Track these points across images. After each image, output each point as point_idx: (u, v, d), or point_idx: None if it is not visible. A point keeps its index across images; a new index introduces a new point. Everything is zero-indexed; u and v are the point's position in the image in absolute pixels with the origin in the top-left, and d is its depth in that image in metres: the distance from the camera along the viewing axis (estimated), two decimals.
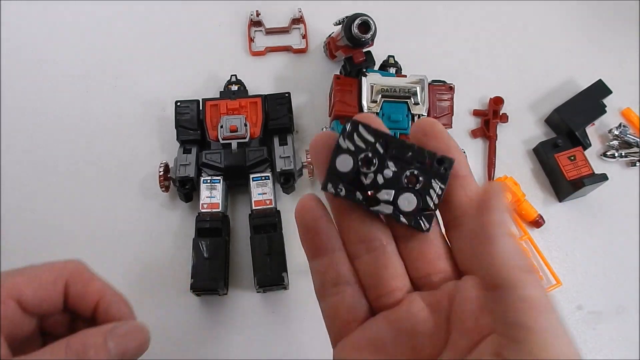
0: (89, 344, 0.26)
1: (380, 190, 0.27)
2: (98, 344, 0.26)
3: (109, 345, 0.26)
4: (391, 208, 0.27)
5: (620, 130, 0.59)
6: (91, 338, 0.26)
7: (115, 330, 0.27)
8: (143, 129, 0.60)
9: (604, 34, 0.66)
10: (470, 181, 0.27)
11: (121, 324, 0.28)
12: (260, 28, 0.65)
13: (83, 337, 0.26)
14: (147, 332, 0.28)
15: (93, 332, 0.27)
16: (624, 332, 0.53)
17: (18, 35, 0.65)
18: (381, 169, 0.27)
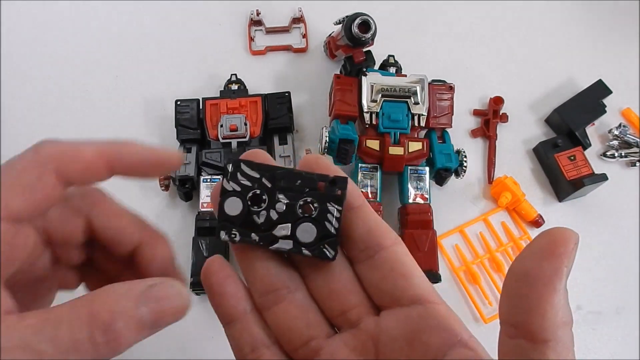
0: (117, 311, 0.21)
1: (276, 227, 0.25)
2: (128, 310, 0.22)
3: (141, 312, 0.22)
4: (291, 242, 0.25)
5: (620, 130, 0.59)
6: (120, 302, 0.22)
7: (150, 292, 0.22)
8: (143, 128, 0.60)
9: (604, 34, 0.66)
10: (367, 210, 0.26)
11: (158, 283, 0.23)
12: (260, 27, 0.65)
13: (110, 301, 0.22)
14: (187, 297, 0.23)
15: (122, 293, 0.22)
16: (623, 332, 0.53)
17: (18, 35, 0.65)
18: (272, 204, 0.25)
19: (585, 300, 0.54)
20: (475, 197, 0.59)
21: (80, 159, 0.24)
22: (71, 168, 0.24)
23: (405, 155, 0.52)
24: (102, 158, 0.25)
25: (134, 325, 0.22)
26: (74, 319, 0.21)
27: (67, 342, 0.20)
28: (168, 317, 0.23)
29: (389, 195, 0.56)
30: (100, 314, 0.21)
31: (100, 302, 0.21)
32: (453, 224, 0.57)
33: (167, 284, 0.23)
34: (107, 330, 0.21)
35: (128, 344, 0.22)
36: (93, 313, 0.21)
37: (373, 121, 0.53)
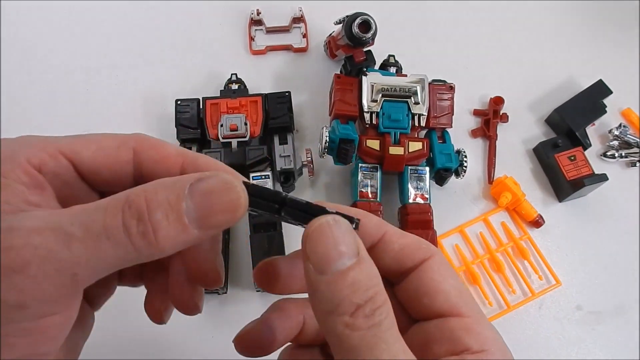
0: (156, 202, 0.19)
1: None
2: (170, 201, 0.19)
3: (184, 206, 0.19)
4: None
5: (621, 130, 0.59)
6: (161, 193, 0.19)
7: (197, 186, 0.20)
8: (143, 128, 0.60)
9: (604, 34, 0.66)
10: (388, 239, 0.25)
11: (205, 176, 0.20)
12: (260, 27, 0.65)
13: (151, 190, 0.19)
14: (241, 192, 0.20)
15: (164, 184, 0.20)
16: (623, 332, 0.53)
17: (18, 34, 0.65)
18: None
19: (586, 300, 0.54)
20: (475, 197, 0.59)
21: (160, 151, 0.24)
22: (150, 153, 0.24)
23: (406, 155, 0.52)
24: (180, 156, 0.24)
25: (175, 219, 0.19)
26: (110, 204, 0.19)
27: (99, 226, 0.19)
28: (218, 215, 0.20)
29: (389, 195, 0.56)
30: (136, 201, 0.19)
31: (140, 191, 0.19)
32: (453, 224, 0.57)
33: (219, 177, 0.20)
34: (142, 219, 0.19)
35: (169, 242, 0.19)
36: (129, 200, 0.19)
37: (373, 121, 0.53)
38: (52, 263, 0.18)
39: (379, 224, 0.26)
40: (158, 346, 0.50)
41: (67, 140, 0.23)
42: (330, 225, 0.21)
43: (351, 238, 0.21)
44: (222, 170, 0.25)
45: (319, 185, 0.58)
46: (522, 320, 0.53)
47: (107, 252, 0.19)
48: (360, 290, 0.20)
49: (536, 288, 0.54)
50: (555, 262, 0.55)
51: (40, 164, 0.22)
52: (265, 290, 0.27)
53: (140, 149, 0.24)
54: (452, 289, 0.24)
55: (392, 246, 0.25)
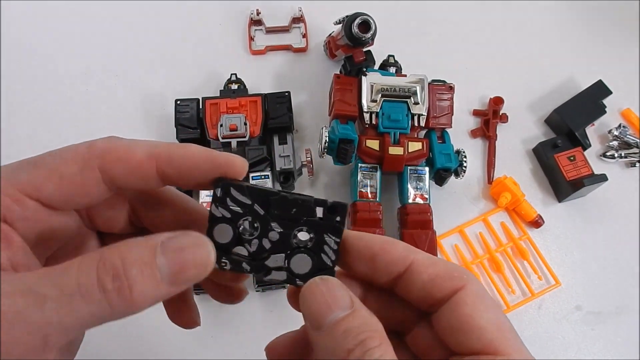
0: (130, 260, 0.19)
1: (269, 257, 0.24)
2: (143, 259, 0.19)
3: (159, 262, 0.20)
4: (284, 274, 0.24)
5: (620, 130, 0.59)
6: (135, 251, 0.20)
7: (168, 243, 0.20)
8: (143, 127, 0.60)
9: (604, 34, 0.66)
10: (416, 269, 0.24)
11: (178, 234, 0.21)
12: (260, 27, 0.65)
13: (124, 249, 0.20)
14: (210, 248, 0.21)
15: (137, 243, 0.20)
16: (623, 332, 0.53)
17: (18, 35, 0.65)
18: (265, 232, 0.23)
19: (585, 300, 0.54)
20: (475, 197, 0.59)
21: (128, 159, 0.22)
22: (117, 167, 0.22)
23: (405, 155, 0.52)
24: (152, 159, 0.22)
25: (149, 275, 0.19)
26: (82, 264, 0.19)
27: (72, 285, 0.19)
28: (190, 270, 0.20)
29: (389, 195, 0.56)
30: (110, 259, 0.19)
31: (112, 251, 0.20)
32: (453, 224, 0.57)
33: (190, 234, 0.21)
34: (117, 276, 0.19)
35: (144, 298, 0.20)
36: (104, 258, 0.19)
37: (373, 121, 0.53)
38: (22, 326, 0.18)
39: (405, 253, 0.24)
40: (158, 346, 0.50)
41: (27, 176, 0.21)
42: (318, 285, 0.22)
43: (340, 292, 0.22)
44: (202, 158, 0.23)
45: (319, 185, 0.58)
46: (522, 321, 0.53)
47: (81, 310, 0.19)
48: (352, 336, 0.21)
49: (536, 288, 0.54)
50: (554, 262, 0.55)
51: (5, 212, 0.21)
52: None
53: (107, 166, 0.22)
54: (487, 325, 0.22)
55: (420, 277, 0.24)
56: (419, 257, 0.24)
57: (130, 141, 0.23)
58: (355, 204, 0.52)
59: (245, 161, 0.24)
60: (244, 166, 0.24)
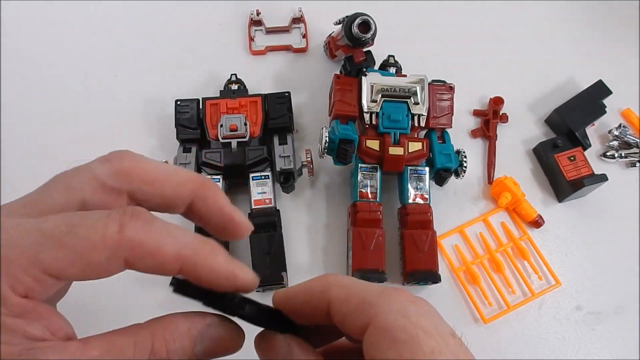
0: (174, 349, 0.22)
1: None
2: (185, 348, 0.22)
3: (195, 351, 0.22)
4: None
5: (620, 130, 0.59)
6: (178, 340, 0.22)
7: (207, 333, 0.23)
8: (143, 128, 0.60)
9: (604, 34, 0.66)
10: None
11: (214, 323, 0.23)
12: (260, 27, 0.65)
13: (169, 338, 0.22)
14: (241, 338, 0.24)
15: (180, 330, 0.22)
16: (623, 333, 0.53)
17: (18, 35, 0.65)
18: None
19: (585, 300, 0.54)
20: (475, 197, 0.59)
21: (156, 258, 0.22)
22: (143, 262, 0.22)
23: (405, 155, 0.52)
24: (178, 261, 0.22)
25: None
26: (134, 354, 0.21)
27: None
28: (219, 354, 0.23)
29: (389, 195, 0.56)
30: (159, 352, 0.21)
31: (161, 339, 0.22)
32: (453, 224, 0.57)
33: (226, 325, 0.24)
34: None
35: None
36: (154, 351, 0.21)
37: (373, 121, 0.53)
38: None
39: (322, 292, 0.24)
40: None
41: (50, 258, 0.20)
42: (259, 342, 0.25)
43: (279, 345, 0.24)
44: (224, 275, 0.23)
45: (319, 186, 0.58)
46: (522, 321, 0.53)
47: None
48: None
49: (536, 288, 0.54)
50: (555, 263, 0.55)
51: (26, 291, 0.20)
52: None
53: (133, 260, 0.21)
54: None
55: (336, 316, 0.24)
56: (334, 293, 0.24)
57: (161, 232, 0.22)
58: (355, 204, 0.52)
59: (256, 280, 0.25)
60: (255, 285, 0.25)
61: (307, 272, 0.54)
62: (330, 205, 0.57)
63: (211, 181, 0.26)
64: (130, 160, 0.24)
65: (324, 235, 0.56)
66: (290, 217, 0.56)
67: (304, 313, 0.25)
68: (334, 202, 0.57)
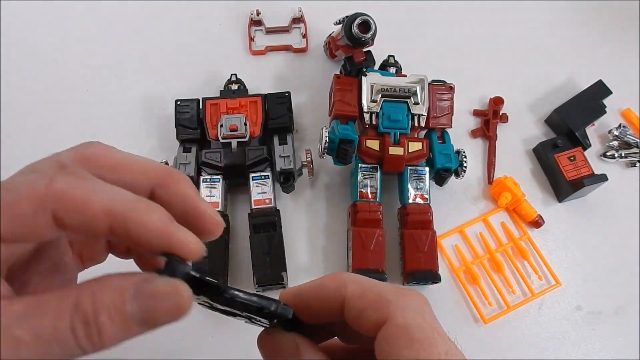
0: (101, 305, 0.20)
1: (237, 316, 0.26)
2: (115, 304, 0.20)
3: (129, 309, 0.20)
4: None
5: (620, 130, 0.59)
6: (107, 295, 0.20)
7: (142, 288, 0.21)
8: (143, 128, 0.60)
9: (604, 34, 0.66)
10: None
11: (151, 278, 0.21)
12: (260, 27, 0.65)
13: (97, 291, 0.20)
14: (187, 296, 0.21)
15: (111, 286, 0.21)
16: (623, 332, 0.53)
17: (18, 35, 0.65)
18: (234, 313, 0.25)
19: (585, 300, 0.54)
20: (475, 197, 0.59)
21: (84, 212, 0.21)
22: (71, 217, 0.21)
23: (405, 155, 0.52)
24: (107, 217, 0.21)
25: (119, 321, 0.20)
26: (58, 307, 0.20)
27: (47, 330, 0.19)
28: (161, 317, 0.21)
29: (389, 195, 0.56)
30: (83, 305, 0.20)
31: (87, 293, 0.20)
32: (453, 224, 0.57)
33: (164, 280, 0.21)
34: (87, 323, 0.20)
35: (113, 340, 0.21)
36: (77, 303, 0.20)
37: (373, 121, 0.53)
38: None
39: (337, 288, 0.24)
40: (158, 346, 0.50)
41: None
42: (263, 338, 0.25)
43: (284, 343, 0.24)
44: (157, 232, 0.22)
45: (319, 186, 0.58)
46: (522, 321, 0.53)
47: (53, 353, 0.20)
48: None
49: (536, 288, 0.54)
50: (555, 263, 0.55)
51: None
52: None
53: (60, 212, 0.21)
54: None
55: (350, 312, 0.23)
56: (350, 289, 0.24)
57: (92, 187, 0.22)
58: (355, 204, 0.52)
59: (201, 247, 0.23)
60: (198, 250, 0.23)
61: (307, 272, 0.54)
62: (330, 205, 0.57)
63: (178, 172, 0.25)
64: (97, 148, 0.24)
65: (324, 235, 0.56)
66: (290, 217, 0.56)
67: (315, 310, 0.25)
68: (334, 202, 0.57)
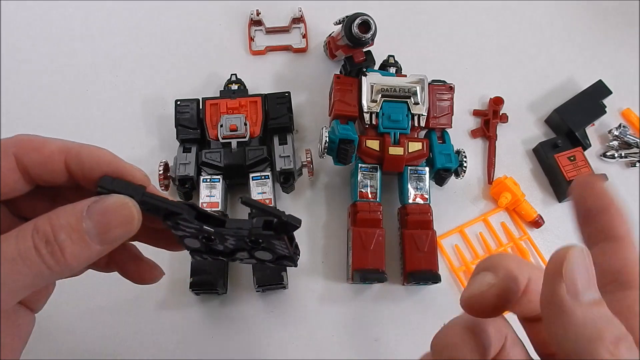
0: (59, 226, 0.22)
1: (236, 253, 0.28)
2: (71, 224, 0.22)
3: (86, 226, 0.22)
4: (254, 261, 0.28)
5: (620, 130, 0.59)
6: (62, 217, 0.22)
7: (93, 207, 0.23)
8: (143, 128, 0.60)
9: (604, 34, 0.66)
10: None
11: (101, 198, 0.23)
12: (260, 27, 0.65)
13: (54, 216, 0.22)
14: (133, 206, 0.23)
15: (65, 210, 0.23)
16: None
17: (18, 35, 0.65)
18: (222, 240, 0.26)
19: None
20: (475, 197, 0.59)
21: (41, 149, 0.25)
22: (30, 156, 0.24)
23: (405, 155, 0.52)
24: (62, 153, 0.25)
25: (78, 238, 0.22)
26: (20, 233, 0.22)
27: (13, 251, 0.21)
28: (116, 229, 0.23)
29: (389, 195, 0.56)
30: (43, 227, 0.22)
31: (44, 218, 0.22)
32: (453, 224, 0.57)
33: (112, 197, 0.23)
34: (49, 242, 0.22)
35: (77, 259, 0.22)
36: (37, 226, 0.22)
37: (373, 121, 0.53)
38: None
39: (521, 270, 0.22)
40: (158, 346, 0.50)
41: None
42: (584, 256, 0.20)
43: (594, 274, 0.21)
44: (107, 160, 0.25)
45: (319, 186, 0.58)
46: None
47: (23, 272, 0.21)
48: (616, 324, 0.19)
49: None
50: None
51: None
52: None
53: (21, 152, 0.24)
54: None
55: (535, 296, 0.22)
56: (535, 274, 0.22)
57: (47, 137, 0.26)
58: (355, 204, 0.52)
59: (144, 175, 0.26)
60: (143, 179, 0.26)
61: (307, 272, 0.54)
62: (330, 205, 0.57)
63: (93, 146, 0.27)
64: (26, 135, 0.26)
65: (324, 235, 0.56)
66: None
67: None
68: (334, 202, 0.57)
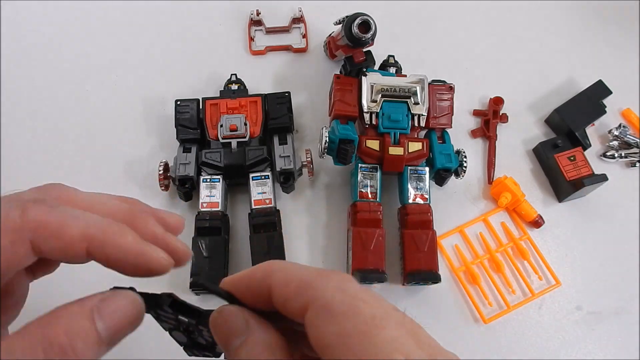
0: (74, 332, 0.20)
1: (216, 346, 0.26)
2: (86, 330, 0.21)
3: (99, 328, 0.21)
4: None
5: (620, 130, 0.59)
6: (75, 322, 0.21)
7: (103, 307, 0.22)
8: (143, 128, 0.60)
9: (604, 34, 0.66)
10: None
11: (109, 295, 0.22)
12: (260, 27, 0.65)
13: (66, 322, 0.21)
14: (140, 303, 0.23)
15: (75, 312, 0.21)
16: (623, 332, 0.53)
17: (18, 35, 0.65)
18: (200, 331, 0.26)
19: (585, 300, 0.54)
20: (475, 197, 0.59)
21: (61, 238, 0.22)
22: (49, 244, 0.22)
23: (405, 155, 0.52)
24: (84, 241, 0.22)
25: (93, 343, 0.21)
26: (28, 345, 0.20)
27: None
28: (125, 329, 0.22)
29: (389, 195, 0.56)
30: (57, 337, 0.20)
31: (55, 325, 0.20)
32: (453, 224, 0.57)
33: (119, 295, 0.23)
34: (65, 353, 0.20)
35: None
36: (49, 337, 0.20)
37: (373, 121, 0.53)
38: None
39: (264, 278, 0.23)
40: (157, 346, 0.50)
41: None
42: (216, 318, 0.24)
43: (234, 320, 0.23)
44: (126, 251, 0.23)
45: (319, 186, 0.58)
46: (522, 321, 0.53)
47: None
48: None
49: (536, 288, 0.54)
50: (555, 262, 0.55)
51: None
52: None
53: (39, 241, 0.22)
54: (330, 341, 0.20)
55: (277, 300, 0.23)
56: (275, 278, 0.23)
57: (66, 215, 0.22)
58: (355, 204, 0.52)
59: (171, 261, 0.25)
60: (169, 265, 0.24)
61: None
62: (330, 205, 0.57)
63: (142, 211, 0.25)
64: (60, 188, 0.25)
65: (324, 235, 0.56)
66: (290, 217, 0.56)
67: (247, 299, 0.24)
68: (334, 202, 0.57)
